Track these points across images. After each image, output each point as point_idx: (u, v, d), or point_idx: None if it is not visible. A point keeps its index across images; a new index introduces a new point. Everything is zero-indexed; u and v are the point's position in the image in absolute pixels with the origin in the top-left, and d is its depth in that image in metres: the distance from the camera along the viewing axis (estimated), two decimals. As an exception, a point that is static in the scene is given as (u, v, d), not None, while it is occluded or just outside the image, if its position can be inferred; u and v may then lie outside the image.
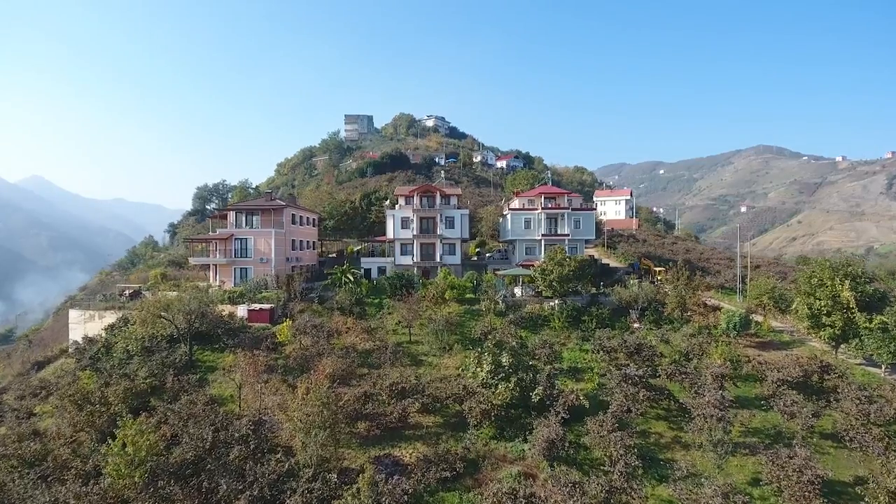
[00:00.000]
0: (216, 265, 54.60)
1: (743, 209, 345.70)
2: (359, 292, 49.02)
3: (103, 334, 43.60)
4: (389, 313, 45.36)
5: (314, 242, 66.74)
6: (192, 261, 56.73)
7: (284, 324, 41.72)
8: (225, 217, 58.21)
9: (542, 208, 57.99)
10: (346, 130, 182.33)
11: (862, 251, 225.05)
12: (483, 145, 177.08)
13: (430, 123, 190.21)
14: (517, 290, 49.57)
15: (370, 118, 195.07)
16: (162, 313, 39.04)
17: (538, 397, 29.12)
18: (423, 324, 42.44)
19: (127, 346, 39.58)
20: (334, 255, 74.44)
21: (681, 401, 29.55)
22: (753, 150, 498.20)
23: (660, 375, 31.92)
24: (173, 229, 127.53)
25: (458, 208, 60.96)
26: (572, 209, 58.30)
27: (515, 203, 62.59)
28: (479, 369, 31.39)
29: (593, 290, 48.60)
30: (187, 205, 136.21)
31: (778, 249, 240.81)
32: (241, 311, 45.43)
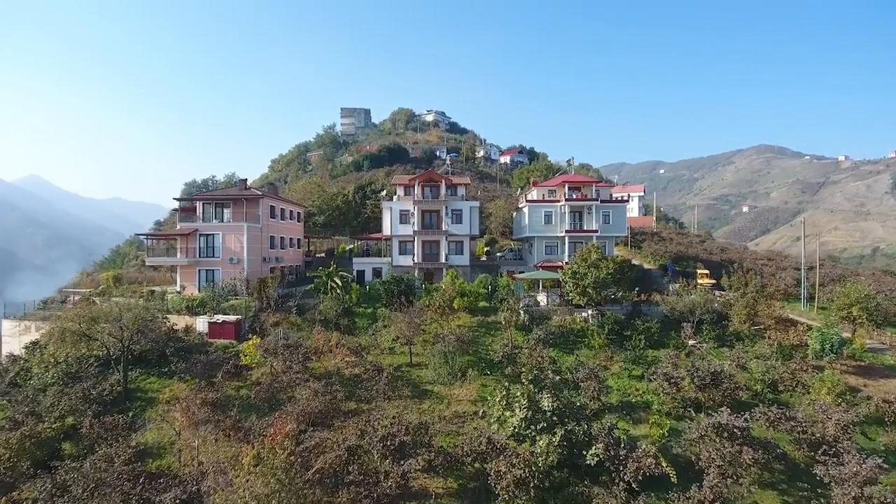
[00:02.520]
0: (178, 266, 45.55)
1: (745, 209, 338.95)
2: (348, 300, 40.29)
3: (23, 354, 34.61)
4: (385, 326, 36.55)
5: (299, 240, 57.77)
6: (147, 261, 47.50)
7: (251, 341, 32.95)
8: (194, 210, 49.15)
9: (566, 200, 48.96)
10: (342, 124, 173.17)
11: (868, 251, 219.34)
12: (485, 141, 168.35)
13: (429, 118, 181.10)
14: (541, 298, 40.78)
15: (367, 112, 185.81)
16: (94, 327, 30.13)
17: (595, 459, 20.44)
18: (426, 340, 33.93)
19: (46, 370, 30.69)
20: (323, 254, 65.62)
21: (813, 472, 20.82)
22: (754, 149, 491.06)
23: (757, 419, 23.24)
24: (159, 227, 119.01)
25: (467, 199, 52.15)
26: (601, 201, 49.44)
27: (534, 194, 53.61)
28: (507, 414, 22.66)
29: (635, 298, 39.87)
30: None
31: (782, 250, 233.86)
32: (201, 324, 36.46)
